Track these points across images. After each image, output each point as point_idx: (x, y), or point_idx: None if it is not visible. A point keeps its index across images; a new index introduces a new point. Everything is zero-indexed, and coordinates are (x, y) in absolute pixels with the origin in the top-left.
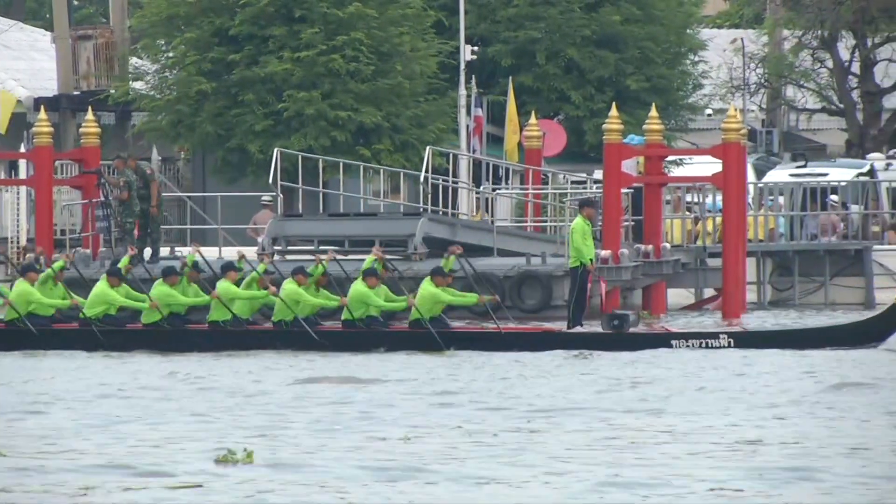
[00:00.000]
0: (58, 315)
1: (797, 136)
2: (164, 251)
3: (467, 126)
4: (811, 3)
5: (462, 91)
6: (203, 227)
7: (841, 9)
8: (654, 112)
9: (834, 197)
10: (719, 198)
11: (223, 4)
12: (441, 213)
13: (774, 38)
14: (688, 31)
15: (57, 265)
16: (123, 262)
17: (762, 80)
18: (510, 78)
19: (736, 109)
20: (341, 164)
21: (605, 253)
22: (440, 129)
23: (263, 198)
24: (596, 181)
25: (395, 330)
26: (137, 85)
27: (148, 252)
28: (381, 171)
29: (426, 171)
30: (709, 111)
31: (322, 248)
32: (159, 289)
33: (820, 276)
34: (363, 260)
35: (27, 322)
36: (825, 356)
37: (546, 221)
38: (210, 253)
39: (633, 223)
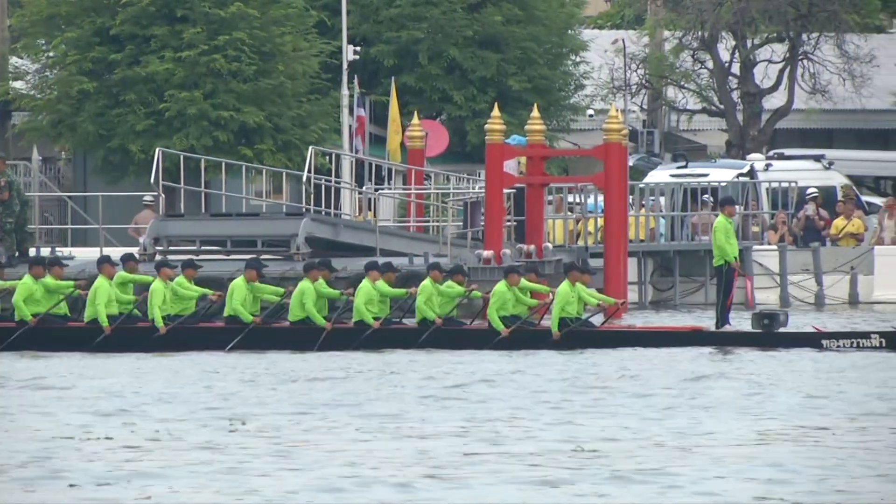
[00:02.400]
0: None
1: (678, 137)
2: (46, 251)
3: (350, 126)
4: (691, 5)
5: (344, 91)
6: (84, 227)
7: (721, 10)
8: (535, 112)
9: (706, 197)
10: (601, 198)
11: (104, 4)
12: (324, 213)
13: (655, 39)
14: (569, 31)
15: None
16: None
17: (643, 81)
18: (392, 78)
19: (617, 110)
20: (223, 164)
21: (486, 253)
22: (323, 129)
23: (145, 198)
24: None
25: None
26: (17, 84)
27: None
28: (264, 171)
29: (309, 172)
30: (590, 112)
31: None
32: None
33: (700, 276)
34: (245, 260)
35: None
36: None
37: (429, 221)
38: (91, 253)
39: (515, 223)
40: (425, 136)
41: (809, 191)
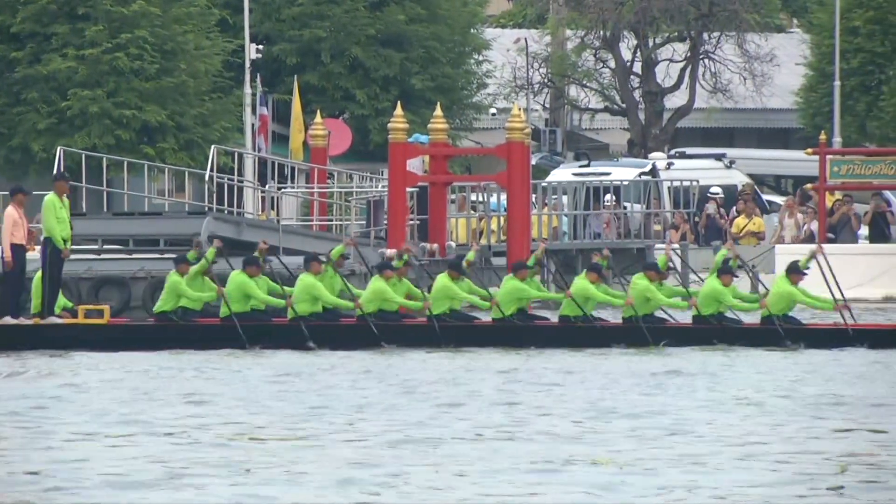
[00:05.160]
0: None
1: (580, 136)
2: None
3: (252, 125)
4: (593, 4)
5: (247, 90)
6: None
7: (622, 9)
8: (438, 111)
9: (608, 196)
10: (504, 197)
11: (4, 2)
12: (226, 211)
13: (557, 38)
14: (472, 30)
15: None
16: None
17: (545, 80)
18: (295, 76)
19: (520, 109)
20: (125, 163)
21: (389, 252)
22: (225, 127)
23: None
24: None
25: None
26: None
27: None
28: (166, 169)
29: (211, 170)
30: (493, 110)
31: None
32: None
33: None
34: (147, 259)
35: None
36: None
37: (332, 220)
38: None
39: (418, 222)
40: (328, 134)
41: (713, 189)
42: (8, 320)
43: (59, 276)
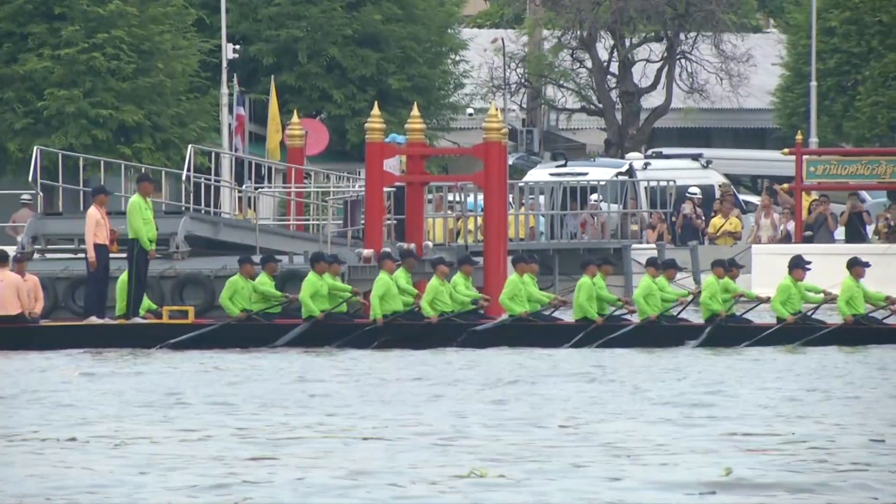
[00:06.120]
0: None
1: (557, 136)
2: None
3: (229, 125)
4: (570, 4)
5: (224, 90)
6: None
7: (599, 9)
8: (415, 111)
9: (594, 196)
10: (481, 197)
11: None
12: (203, 211)
13: (534, 38)
14: (449, 30)
15: None
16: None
17: (522, 80)
18: (272, 76)
19: (497, 109)
20: (102, 163)
21: (367, 252)
22: (202, 127)
23: (23, 196)
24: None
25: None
26: None
27: None
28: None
29: (188, 170)
30: (470, 110)
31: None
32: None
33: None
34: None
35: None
36: None
37: (309, 220)
38: None
39: (395, 222)
40: (305, 134)
41: (691, 189)
42: (94, 320)
43: (144, 278)
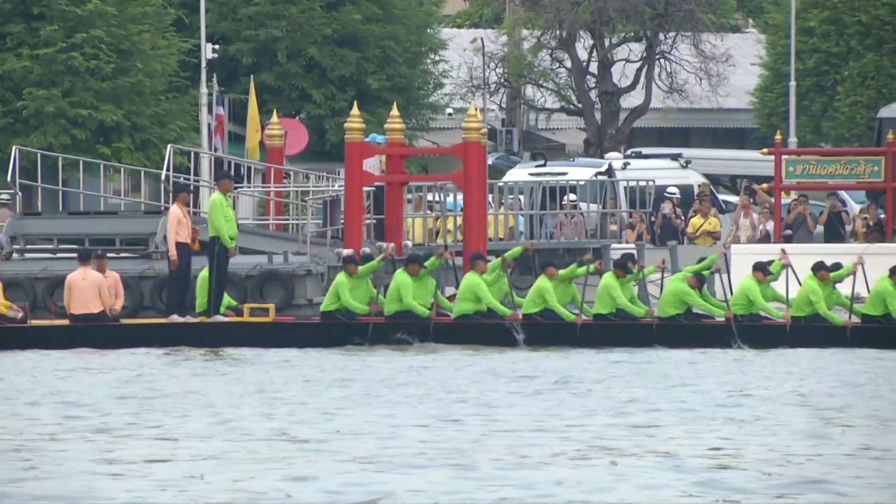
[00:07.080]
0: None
1: (537, 136)
2: None
3: (209, 124)
4: (549, 4)
5: (203, 89)
6: None
7: (579, 9)
8: (395, 111)
9: (572, 196)
10: (460, 197)
11: None
12: None
13: (514, 38)
14: (428, 30)
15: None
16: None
17: (502, 80)
18: (252, 76)
19: (476, 109)
20: (81, 163)
21: (346, 252)
22: (181, 127)
23: (2, 196)
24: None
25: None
26: None
27: None
28: (122, 169)
29: (167, 170)
30: (449, 110)
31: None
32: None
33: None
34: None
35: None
36: None
37: (288, 220)
38: None
39: (374, 221)
40: (284, 134)
41: (670, 189)
42: (176, 318)
43: (225, 275)
